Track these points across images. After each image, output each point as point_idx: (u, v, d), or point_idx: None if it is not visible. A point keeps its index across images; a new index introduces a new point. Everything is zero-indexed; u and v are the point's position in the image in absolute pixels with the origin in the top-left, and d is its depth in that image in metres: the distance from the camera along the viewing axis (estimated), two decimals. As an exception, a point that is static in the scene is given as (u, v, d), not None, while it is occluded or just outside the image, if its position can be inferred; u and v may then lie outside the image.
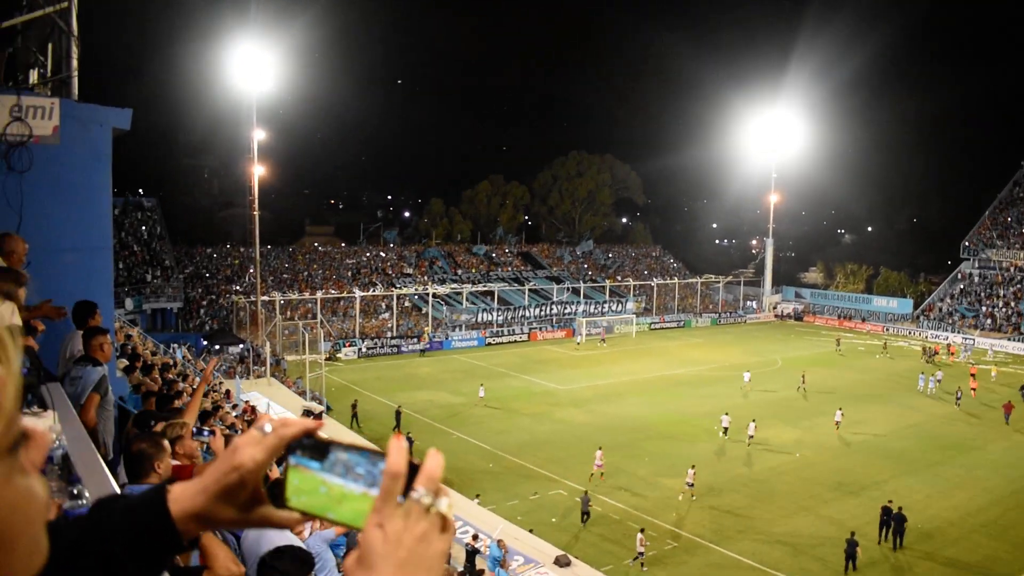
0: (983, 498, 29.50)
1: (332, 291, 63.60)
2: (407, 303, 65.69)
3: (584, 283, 76.70)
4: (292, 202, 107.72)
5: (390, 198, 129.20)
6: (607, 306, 72.43)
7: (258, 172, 55.78)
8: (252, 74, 53.95)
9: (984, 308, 70.06)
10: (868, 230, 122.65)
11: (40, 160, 8.98)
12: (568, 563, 21.75)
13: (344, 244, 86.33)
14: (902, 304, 76.84)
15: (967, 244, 76.71)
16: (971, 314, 70.12)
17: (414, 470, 1.09)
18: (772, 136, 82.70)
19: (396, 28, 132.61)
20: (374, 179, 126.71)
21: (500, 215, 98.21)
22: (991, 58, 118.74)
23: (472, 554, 20.69)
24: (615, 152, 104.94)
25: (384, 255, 75.97)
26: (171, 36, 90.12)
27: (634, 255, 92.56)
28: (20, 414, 0.89)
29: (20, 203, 8.24)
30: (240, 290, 61.74)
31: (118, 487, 3.52)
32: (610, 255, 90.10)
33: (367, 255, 75.48)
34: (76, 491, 2.75)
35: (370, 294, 64.65)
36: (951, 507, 28.51)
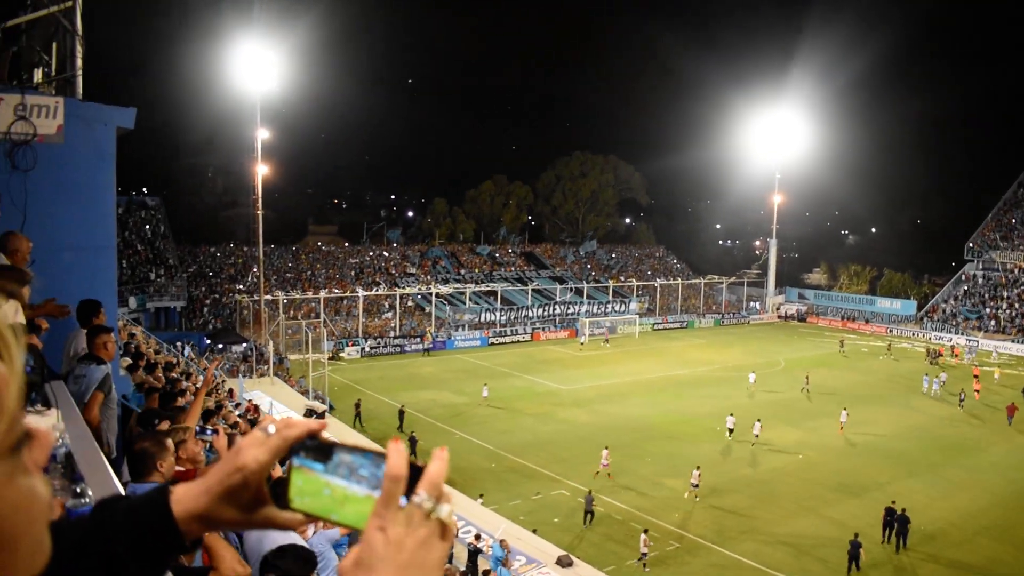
0: (986, 500, 29.48)
1: (335, 290, 63.62)
2: (410, 303, 65.70)
3: (587, 283, 76.66)
4: (296, 201, 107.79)
5: (393, 197, 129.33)
6: (610, 306, 72.40)
7: (262, 171, 55.83)
8: (256, 73, 54.00)
9: (988, 310, 69.92)
10: (872, 231, 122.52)
11: (44, 159, 8.99)
12: (570, 563, 21.73)
13: (347, 243, 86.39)
14: (906, 305, 76.70)
15: (971, 245, 76.55)
16: (974, 316, 69.98)
17: (417, 473, 1.09)
18: (775, 137, 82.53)
19: (400, 28, 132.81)
20: (378, 178, 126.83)
21: (503, 215, 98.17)
22: (994, 59, 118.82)
23: (474, 554, 20.69)
24: (619, 152, 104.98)
25: (387, 255, 75.99)
26: (175, 35, 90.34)
27: (637, 255, 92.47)
28: (23, 413, 0.89)
29: (24, 202, 8.25)
30: (243, 289, 61.79)
31: (121, 485, 3.53)
32: (613, 255, 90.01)
33: (370, 254, 75.52)
34: (79, 489, 2.75)
35: (373, 293, 64.67)
36: (953, 509, 28.48)
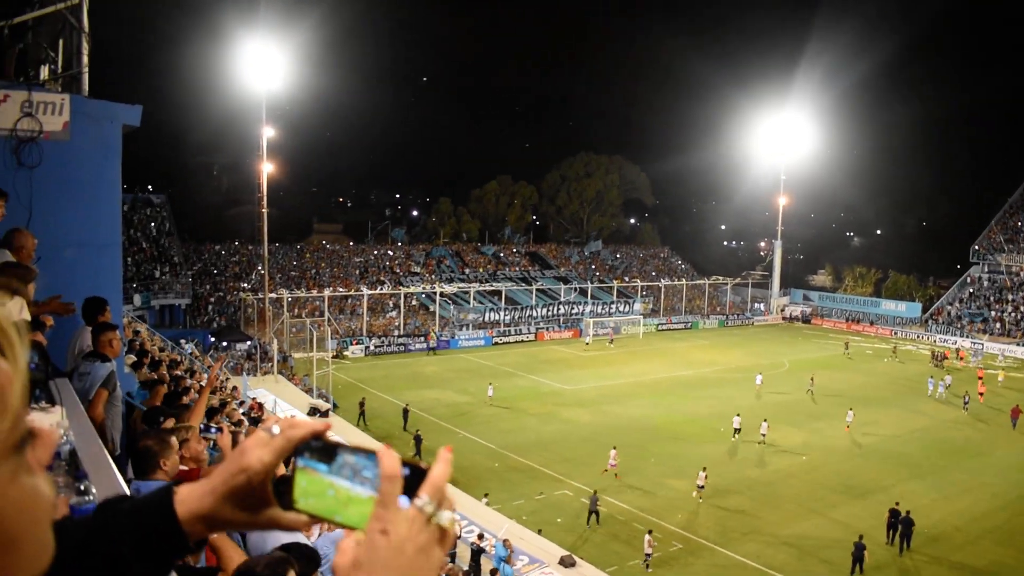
0: (989, 503, 29.40)
1: (340, 289, 63.67)
2: (414, 302, 65.76)
3: (591, 283, 76.66)
4: (300, 200, 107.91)
5: (398, 197, 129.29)
6: (614, 307, 72.36)
7: (267, 170, 55.98)
8: (262, 72, 54.16)
9: (993, 313, 69.77)
10: (877, 233, 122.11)
11: (50, 156, 9.00)
12: (573, 563, 21.73)
13: (352, 242, 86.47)
14: (910, 308, 76.57)
15: (976, 248, 76.40)
16: (978, 319, 69.84)
17: (421, 475, 1.08)
18: (781, 138, 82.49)
19: (406, 26, 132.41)
20: (382, 177, 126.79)
21: (508, 215, 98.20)
22: (999, 61, 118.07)
23: (477, 553, 20.71)
24: (624, 153, 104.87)
25: (392, 254, 76.07)
26: (182, 33, 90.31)
27: (642, 256, 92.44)
28: (27, 412, 0.88)
29: (30, 199, 8.26)
30: (248, 287, 61.91)
31: (125, 483, 3.53)
32: (618, 256, 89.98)
33: (375, 253, 75.62)
34: (83, 487, 2.75)
35: (377, 292, 64.74)
36: (957, 512, 28.41)
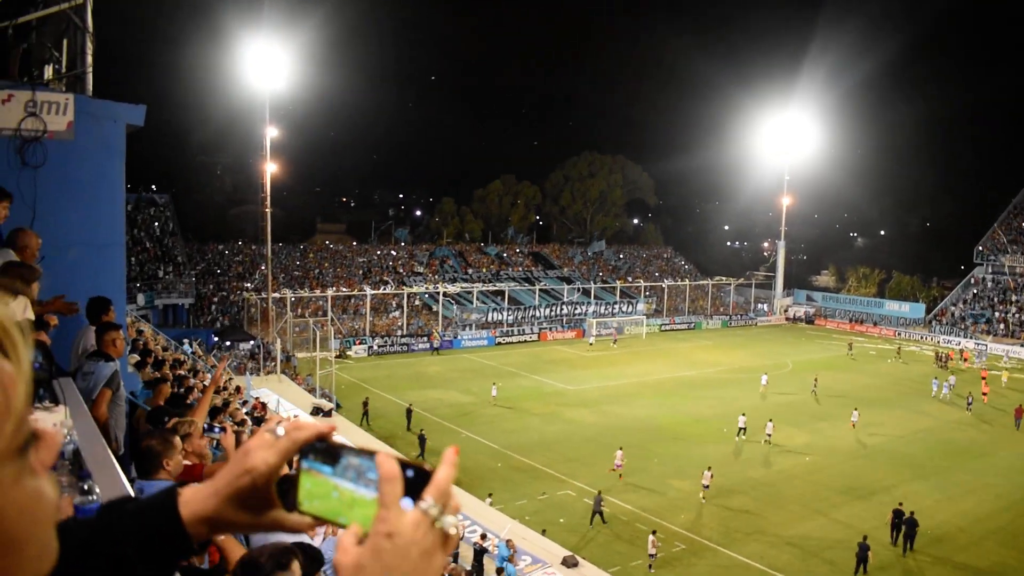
0: (993, 504, 29.34)
1: (343, 289, 63.69)
2: (417, 302, 65.78)
3: (595, 284, 76.60)
4: (304, 200, 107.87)
5: (402, 196, 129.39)
6: (617, 307, 72.36)
7: (270, 169, 56.01)
8: (265, 72, 54.20)
9: (997, 314, 69.65)
10: (881, 234, 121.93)
11: (54, 156, 9.02)
12: (576, 564, 21.72)
13: (355, 242, 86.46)
14: (914, 308, 76.45)
15: (980, 249, 76.25)
16: (981, 320, 69.73)
17: (426, 477, 1.07)
18: (784, 138, 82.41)
19: (410, 26, 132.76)
20: (386, 177, 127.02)
21: (511, 215, 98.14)
22: (1004, 60, 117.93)
23: (480, 553, 20.70)
24: (627, 153, 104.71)
25: (395, 253, 76.10)
26: (185, 33, 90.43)
27: (645, 256, 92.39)
28: (31, 414, 0.88)
29: (34, 198, 8.27)
30: (251, 287, 61.96)
31: (128, 483, 3.53)
32: (621, 256, 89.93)
33: (378, 253, 75.65)
34: (87, 487, 2.75)
35: (381, 292, 64.76)
36: (961, 513, 28.35)
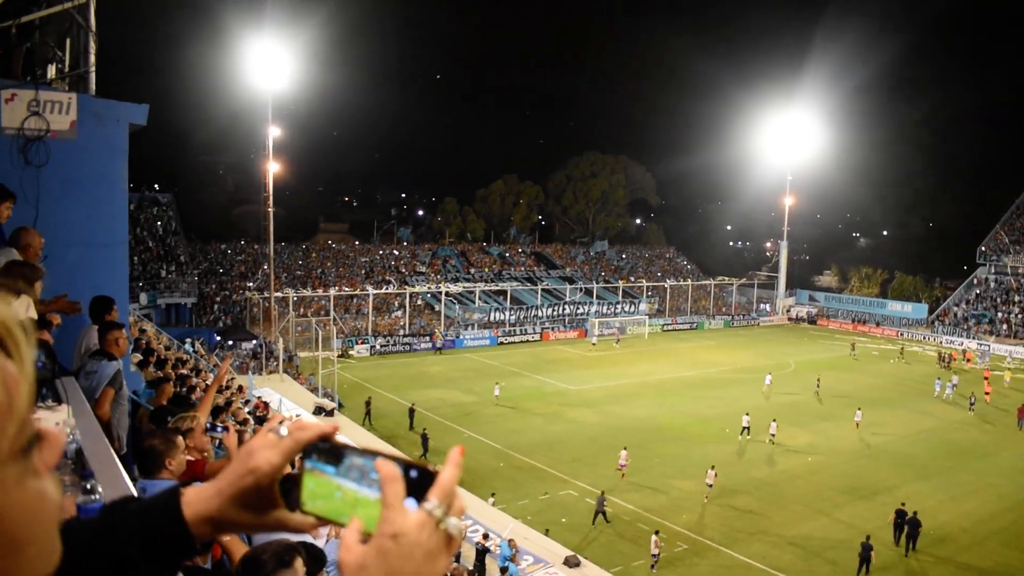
0: (996, 505, 29.29)
1: (345, 288, 63.74)
2: (420, 301, 65.77)
3: (597, 284, 76.59)
4: (306, 199, 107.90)
5: (404, 196, 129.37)
6: (620, 307, 72.33)
7: (273, 169, 56.03)
8: (268, 71, 54.22)
9: (1000, 314, 69.56)
10: (883, 234, 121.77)
11: (57, 155, 9.03)
12: (578, 563, 21.71)
13: (358, 242, 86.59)
14: (917, 309, 76.36)
15: (983, 249, 76.16)
16: (984, 320, 69.65)
17: (430, 478, 1.07)
18: (787, 138, 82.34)
19: (412, 26, 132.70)
20: (388, 177, 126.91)
21: (514, 215, 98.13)
22: (1006, 60, 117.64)
23: (482, 553, 20.70)
24: (630, 153, 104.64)
25: (397, 253, 76.12)
26: (188, 33, 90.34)
27: (647, 256, 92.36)
28: (34, 415, 0.87)
29: (37, 197, 8.28)
30: (253, 286, 61.98)
31: (131, 481, 3.53)
32: (623, 256, 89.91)
33: (380, 253, 75.68)
34: (89, 486, 2.75)
35: (383, 292, 64.77)
36: (963, 513, 28.30)
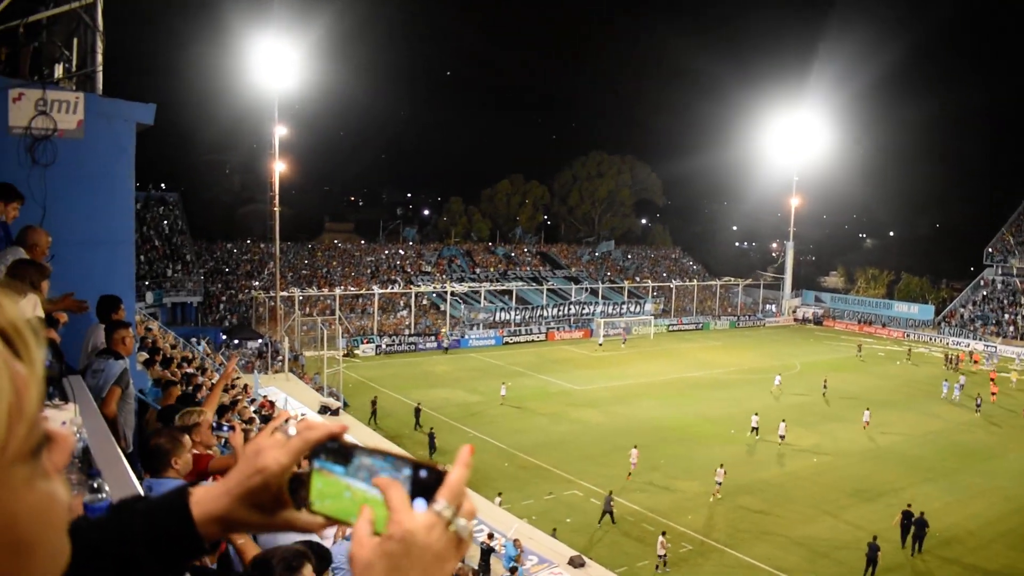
0: (1003, 506, 29.19)
1: (351, 288, 63.77)
2: (425, 301, 65.81)
3: (602, 284, 76.55)
4: (312, 199, 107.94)
5: (410, 196, 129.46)
6: (625, 307, 72.26)
7: (279, 168, 56.12)
8: (275, 71, 54.32)
9: (1007, 316, 69.34)
10: (890, 235, 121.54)
11: (64, 154, 9.04)
12: (582, 564, 21.70)
13: (363, 241, 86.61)
14: (923, 310, 76.13)
15: (990, 251, 75.93)
16: (991, 322, 69.42)
17: (439, 477, 1.07)
18: (794, 139, 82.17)
19: (419, 25, 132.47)
20: (394, 177, 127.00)
21: (519, 214, 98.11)
22: (1015, 60, 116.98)
23: (487, 553, 20.68)
24: (635, 153, 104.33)
25: (403, 253, 76.15)
26: (195, 32, 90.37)
27: (653, 256, 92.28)
28: (43, 416, 0.87)
29: (44, 196, 8.29)
30: (259, 285, 62.09)
31: (137, 480, 3.53)
32: (629, 256, 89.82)
33: (386, 253, 75.72)
34: (96, 485, 2.75)
35: (389, 291, 64.77)
36: (970, 516, 28.22)
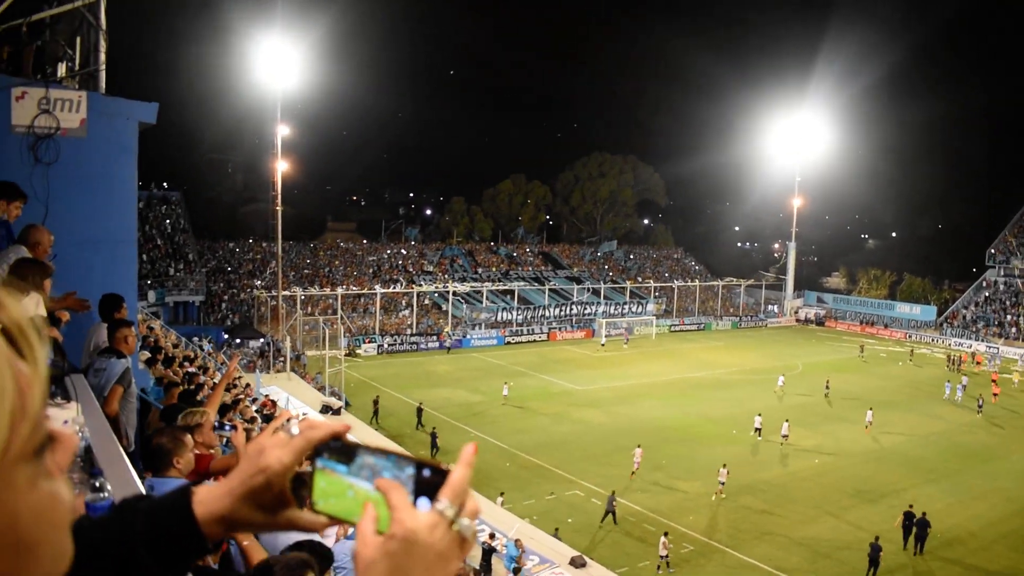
0: (1005, 508, 29.15)
1: (353, 287, 63.78)
2: (427, 301, 65.82)
3: (604, 284, 76.54)
4: (315, 198, 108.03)
5: (412, 196, 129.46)
6: (627, 307, 72.24)
7: (281, 168, 56.11)
8: (277, 70, 54.34)
9: (1009, 317, 69.26)
10: (892, 235, 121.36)
11: (67, 153, 9.05)
12: (583, 564, 21.71)
13: (366, 241, 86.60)
14: (925, 311, 76.04)
15: (992, 252, 75.83)
16: (994, 323, 69.33)
17: (442, 476, 1.06)
18: (796, 139, 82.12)
19: (423, 25, 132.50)
20: (396, 176, 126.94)
21: (521, 214, 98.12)
22: (1017, 62, 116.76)
23: (488, 553, 20.69)
24: (638, 153, 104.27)
25: (405, 252, 76.18)
26: (198, 31, 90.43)
27: (655, 257, 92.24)
28: (46, 416, 0.86)
29: (47, 195, 8.30)
30: (261, 285, 62.09)
31: (139, 479, 3.53)
32: (631, 256, 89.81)
33: (388, 252, 75.74)
34: (98, 483, 2.75)
35: (391, 291, 64.78)
36: (972, 517, 28.18)
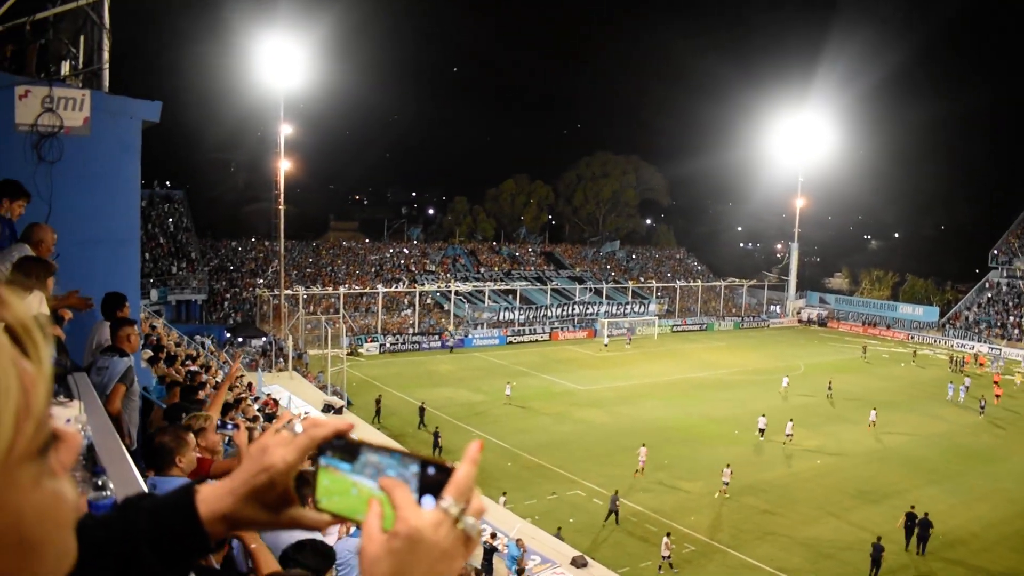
0: (1006, 509, 29.12)
1: (355, 287, 63.82)
2: (429, 300, 65.85)
3: (607, 284, 76.51)
4: (317, 197, 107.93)
5: (415, 195, 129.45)
6: (629, 307, 72.22)
7: (284, 167, 56.14)
8: (280, 69, 54.37)
9: (1012, 318, 69.16)
10: (895, 236, 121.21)
11: (70, 151, 9.06)
12: (585, 564, 21.70)
13: (368, 240, 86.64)
14: (928, 312, 75.93)
15: (995, 253, 75.70)
16: (996, 324, 69.23)
17: (447, 474, 1.06)
18: (799, 140, 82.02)
19: (425, 25, 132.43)
20: (399, 176, 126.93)
21: (524, 214, 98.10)
22: (1020, 62, 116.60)
23: (490, 552, 20.69)
24: (641, 153, 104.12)
25: (407, 252, 76.21)
26: (201, 30, 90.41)
27: (657, 257, 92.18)
28: (50, 415, 0.86)
29: (50, 193, 8.30)
30: (264, 284, 62.14)
31: (142, 478, 3.53)
32: (633, 256, 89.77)
33: (391, 251, 75.77)
34: (100, 482, 2.75)
35: (393, 290, 64.82)
36: (974, 518, 28.15)
